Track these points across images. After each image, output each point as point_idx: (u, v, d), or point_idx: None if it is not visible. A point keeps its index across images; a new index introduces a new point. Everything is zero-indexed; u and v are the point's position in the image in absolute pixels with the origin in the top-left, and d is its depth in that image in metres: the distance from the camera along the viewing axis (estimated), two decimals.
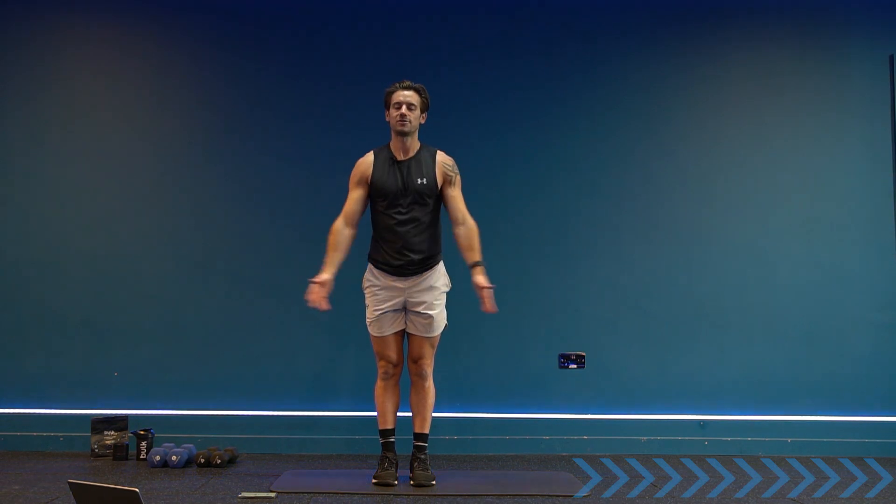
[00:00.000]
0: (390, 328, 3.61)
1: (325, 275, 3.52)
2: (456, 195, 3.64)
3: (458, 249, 3.63)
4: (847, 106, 4.68)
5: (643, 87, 4.66)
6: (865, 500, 3.41)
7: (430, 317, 3.58)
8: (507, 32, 4.69)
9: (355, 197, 3.63)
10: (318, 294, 3.49)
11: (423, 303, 3.57)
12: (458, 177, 3.65)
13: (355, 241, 3.62)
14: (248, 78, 4.61)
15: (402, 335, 3.67)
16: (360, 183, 3.62)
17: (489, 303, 3.51)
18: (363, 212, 3.66)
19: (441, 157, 3.63)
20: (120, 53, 4.61)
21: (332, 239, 3.59)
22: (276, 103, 4.60)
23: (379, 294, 3.59)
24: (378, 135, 3.79)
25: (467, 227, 3.62)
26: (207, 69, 4.63)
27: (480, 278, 3.53)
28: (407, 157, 3.59)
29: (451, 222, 3.64)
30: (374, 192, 3.59)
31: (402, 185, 3.54)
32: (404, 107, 3.54)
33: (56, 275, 4.47)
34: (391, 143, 3.64)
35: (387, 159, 3.60)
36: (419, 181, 3.55)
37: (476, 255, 3.58)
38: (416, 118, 3.57)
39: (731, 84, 4.69)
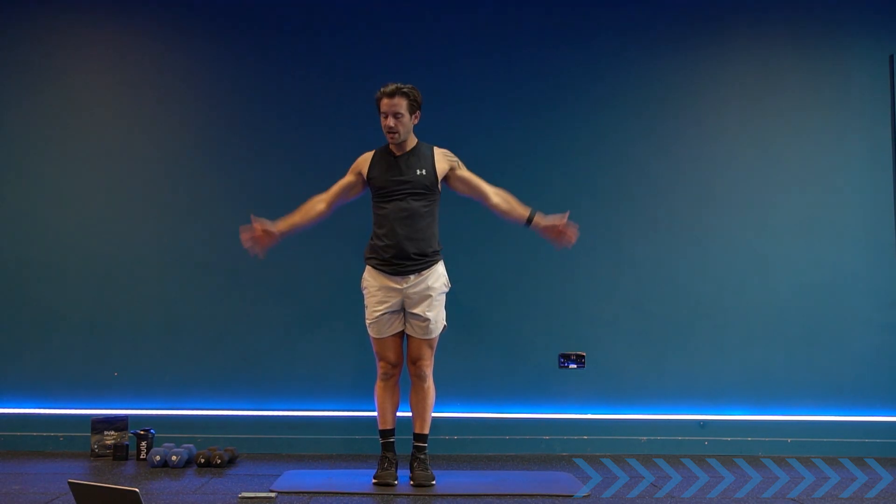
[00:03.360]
0: (389, 330, 3.60)
1: (274, 227, 3.54)
2: (469, 175, 3.66)
3: (457, 249, 3.62)
4: (847, 106, 4.67)
5: (642, 86, 4.66)
6: (865, 500, 3.41)
7: (428, 319, 3.57)
8: (505, 31, 4.69)
9: (343, 181, 3.68)
10: (261, 238, 3.51)
11: (421, 304, 3.56)
12: (461, 162, 3.68)
13: (353, 241, 3.62)
14: (248, 78, 4.61)
15: (402, 336, 3.66)
16: (352, 172, 3.68)
17: (571, 233, 3.55)
18: (344, 199, 3.68)
19: (439, 150, 3.65)
20: (120, 53, 4.61)
21: (303, 205, 3.64)
22: (275, 103, 4.60)
23: (376, 295, 3.58)
24: (378, 134, 3.78)
25: (499, 195, 3.64)
26: (207, 69, 4.63)
27: (547, 220, 3.56)
28: (405, 153, 3.60)
29: (484, 200, 3.64)
30: (373, 185, 3.60)
31: (400, 175, 3.55)
32: (391, 118, 3.50)
33: (56, 275, 4.47)
34: (388, 144, 3.65)
35: (385, 155, 3.62)
36: (419, 171, 3.56)
37: (524, 210, 3.61)
38: (404, 125, 3.53)
39: (731, 83, 4.69)
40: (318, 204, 3.64)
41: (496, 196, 3.64)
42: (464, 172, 3.66)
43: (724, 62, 4.70)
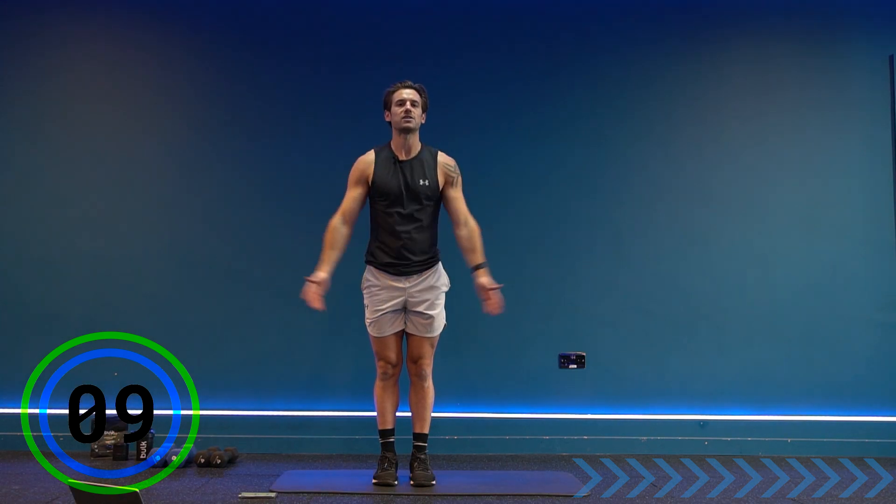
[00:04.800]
0: (390, 329, 3.60)
1: (322, 273, 3.52)
2: (457, 196, 3.63)
3: (458, 249, 3.63)
4: (847, 106, 4.68)
5: (643, 87, 4.66)
6: (865, 500, 3.41)
7: (431, 317, 3.58)
8: (506, 31, 4.69)
9: (354, 195, 3.61)
10: (314, 293, 3.49)
11: (424, 303, 3.57)
12: (460, 178, 3.64)
13: (354, 240, 3.62)
14: (250, 77, 4.61)
15: (402, 335, 3.66)
16: (359, 182, 3.61)
17: (496, 303, 3.52)
18: (360, 210, 3.64)
19: (442, 157, 3.63)
20: (122, 50, 4.61)
21: (328, 237, 3.58)
22: (277, 102, 4.60)
23: (379, 294, 3.58)
24: (380, 134, 3.79)
25: (469, 229, 3.62)
26: (209, 67, 4.63)
27: (485, 279, 3.55)
28: (409, 158, 3.58)
29: (453, 224, 3.64)
30: (375, 192, 3.58)
31: (404, 185, 3.54)
32: (408, 103, 3.55)
33: (56, 274, 4.47)
34: (392, 143, 3.63)
35: (388, 159, 3.59)
36: (422, 182, 3.55)
37: (479, 258, 3.59)
38: (418, 115, 3.58)
39: (731, 83, 4.69)
40: (343, 228, 3.57)
41: (465, 230, 3.61)
42: (455, 192, 3.62)
43: (724, 61, 4.70)
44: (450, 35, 4.69)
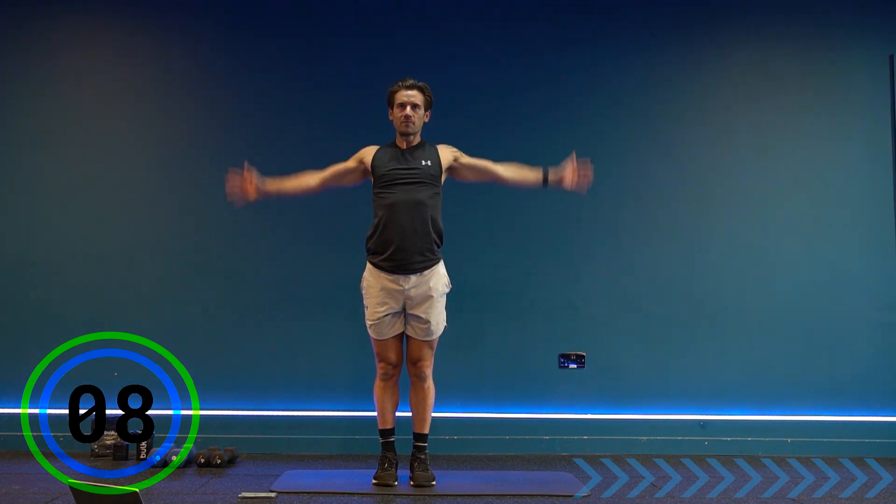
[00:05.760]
0: (390, 331, 3.60)
1: (263, 184, 3.60)
2: (474, 160, 3.68)
3: (457, 250, 3.62)
4: (847, 106, 4.68)
5: (643, 87, 4.66)
6: (865, 500, 3.41)
7: (429, 321, 3.57)
8: (507, 32, 4.69)
9: (342, 165, 3.67)
10: (247, 189, 3.57)
11: (422, 306, 3.56)
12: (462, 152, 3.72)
13: (353, 241, 3.62)
14: (250, 79, 4.61)
15: (402, 337, 3.66)
16: (356, 159, 3.67)
17: (585, 168, 3.63)
18: (337, 183, 3.67)
19: (441, 145, 3.68)
20: (121, 54, 4.61)
21: (297, 175, 3.65)
22: (278, 104, 4.60)
23: (377, 297, 3.57)
24: (381, 135, 3.79)
25: (507, 168, 3.68)
26: (209, 70, 4.63)
27: (560, 171, 3.64)
28: (411, 147, 3.62)
29: (495, 179, 3.67)
30: (377, 173, 3.59)
31: (406, 164, 3.56)
32: (408, 107, 3.56)
33: (56, 275, 4.47)
34: (395, 140, 3.66)
35: (391, 148, 3.64)
36: (424, 162, 3.57)
37: (535, 173, 3.67)
38: (419, 118, 3.59)
39: (732, 84, 4.69)
40: (312, 179, 3.65)
41: (506, 171, 3.67)
42: (468, 159, 3.68)
43: (725, 63, 4.70)
44: (451, 38, 4.69)
